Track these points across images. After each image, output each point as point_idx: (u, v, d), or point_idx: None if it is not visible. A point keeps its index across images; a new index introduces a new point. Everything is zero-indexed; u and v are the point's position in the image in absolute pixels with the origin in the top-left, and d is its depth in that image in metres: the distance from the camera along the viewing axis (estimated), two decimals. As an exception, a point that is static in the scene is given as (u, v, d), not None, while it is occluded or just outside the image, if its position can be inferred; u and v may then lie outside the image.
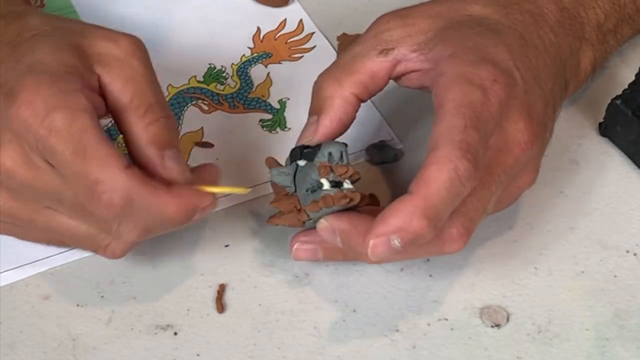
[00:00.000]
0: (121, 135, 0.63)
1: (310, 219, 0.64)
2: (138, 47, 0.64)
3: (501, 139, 0.63)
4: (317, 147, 0.65)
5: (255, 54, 0.82)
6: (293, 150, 0.66)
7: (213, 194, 0.63)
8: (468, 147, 0.60)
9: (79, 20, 0.67)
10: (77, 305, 0.67)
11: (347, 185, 0.64)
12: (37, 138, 0.59)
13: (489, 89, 0.62)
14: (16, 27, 0.64)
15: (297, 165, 0.66)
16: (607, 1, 0.73)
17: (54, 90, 0.60)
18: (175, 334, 0.66)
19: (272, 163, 0.67)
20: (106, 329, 0.66)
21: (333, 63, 0.69)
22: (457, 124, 0.61)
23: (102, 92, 0.63)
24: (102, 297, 0.67)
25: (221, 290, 0.68)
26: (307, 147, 0.66)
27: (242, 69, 0.80)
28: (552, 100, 0.67)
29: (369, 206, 0.66)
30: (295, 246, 0.66)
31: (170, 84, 0.79)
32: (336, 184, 0.64)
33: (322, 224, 0.64)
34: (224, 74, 0.80)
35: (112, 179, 0.59)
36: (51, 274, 0.68)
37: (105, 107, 0.63)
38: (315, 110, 0.67)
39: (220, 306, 0.67)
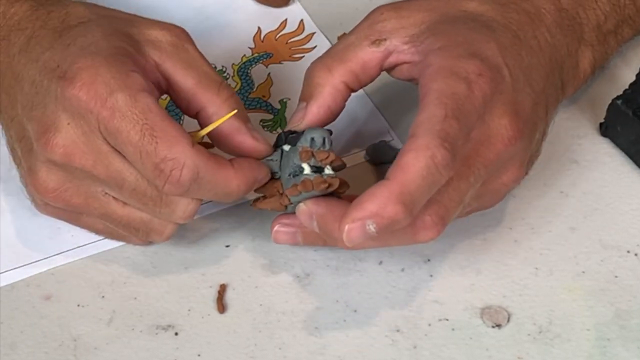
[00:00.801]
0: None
1: (292, 203, 0.65)
2: (188, 35, 0.67)
3: (483, 133, 0.63)
4: (302, 132, 0.66)
5: (256, 54, 0.82)
6: (279, 136, 0.67)
7: (265, 168, 0.65)
8: (447, 136, 0.60)
9: (122, 10, 0.68)
10: (78, 305, 0.67)
11: (327, 171, 0.64)
12: (100, 120, 0.60)
13: (473, 82, 0.62)
14: (59, 14, 0.65)
15: (282, 150, 0.66)
16: (607, 2, 0.73)
17: (112, 71, 0.61)
18: (176, 334, 0.66)
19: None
20: (107, 329, 0.66)
21: (326, 51, 0.69)
22: (437, 113, 0.61)
23: (157, 77, 0.64)
24: (103, 297, 0.67)
25: (222, 290, 0.68)
26: (294, 132, 0.66)
27: (243, 69, 0.80)
28: (544, 100, 0.67)
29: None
30: (275, 228, 0.67)
31: (171, 84, 0.79)
32: (317, 169, 0.64)
33: (301, 207, 0.64)
34: (225, 74, 0.80)
35: (182, 155, 0.60)
36: (52, 274, 0.68)
37: (158, 91, 0.64)
38: (305, 97, 0.67)
39: (221, 306, 0.67)
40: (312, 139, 0.65)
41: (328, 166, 0.65)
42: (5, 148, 0.68)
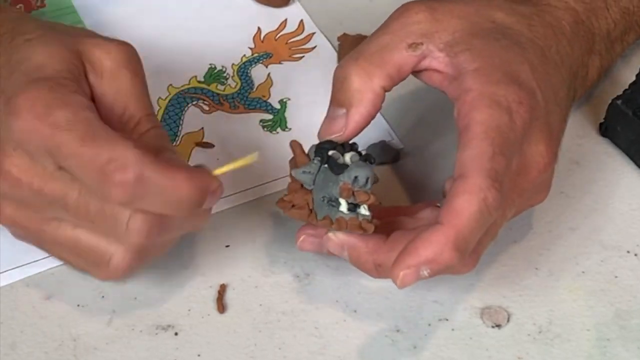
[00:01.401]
0: None
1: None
2: (129, 57, 0.64)
3: (520, 163, 0.62)
4: (343, 146, 0.64)
5: (256, 54, 0.82)
6: (319, 147, 0.65)
7: (218, 179, 0.61)
8: (496, 175, 0.60)
9: (71, 26, 0.67)
10: (78, 305, 0.67)
11: (363, 211, 0.63)
12: (42, 139, 0.59)
13: (514, 112, 0.62)
14: (9, 34, 0.64)
15: (320, 166, 0.64)
16: (618, 10, 0.72)
17: (53, 93, 0.60)
18: (176, 334, 0.66)
19: (297, 149, 0.65)
20: (107, 329, 0.66)
21: (357, 51, 0.66)
22: (486, 150, 0.60)
23: (91, 98, 0.63)
24: (103, 297, 0.67)
25: (222, 290, 0.68)
26: (332, 144, 0.64)
27: (243, 69, 0.80)
28: (567, 114, 0.67)
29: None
30: (301, 238, 0.66)
31: (170, 84, 0.79)
32: (354, 206, 0.63)
33: (331, 239, 0.64)
34: (225, 74, 0.80)
35: (124, 155, 0.58)
36: (52, 274, 0.68)
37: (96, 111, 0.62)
38: (343, 103, 0.65)
39: (221, 306, 0.67)
40: (356, 177, 0.63)
41: (365, 206, 0.63)
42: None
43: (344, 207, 0.63)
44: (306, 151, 0.65)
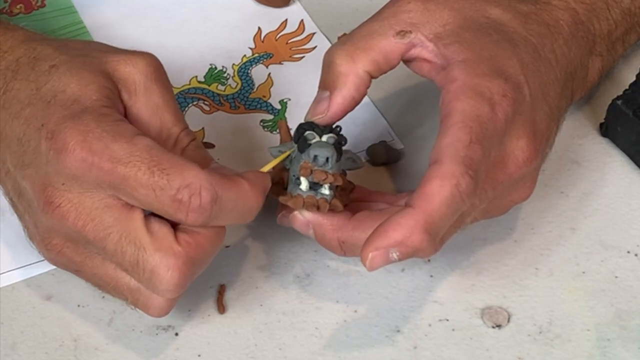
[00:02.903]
0: None
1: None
2: (157, 68, 0.64)
3: (499, 155, 0.62)
4: (324, 128, 0.65)
5: (257, 55, 0.82)
6: (299, 127, 0.65)
7: (268, 175, 0.64)
8: (471, 163, 0.60)
9: (88, 41, 0.66)
10: (79, 305, 0.67)
11: (324, 190, 0.64)
12: (103, 175, 0.58)
13: (497, 103, 0.62)
14: (26, 58, 0.64)
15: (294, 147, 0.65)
16: (619, 11, 0.72)
17: (101, 125, 0.59)
18: (177, 334, 0.66)
19: (283, 129, 0.67)
20: (107, 330, 0.66)
21: (347, 36, 0.67)
22: (462, 138, 0.60)
23: (124, 115, 0.63)
24: (104, 297, 0.67)
25: (222, 291, 0.68)
26: (314, 126, 0.65)
27: (243, 70, 0.80)
28: (558, 115, 0.67)
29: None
30: (282, 212, 0.66)
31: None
32: (315, 185, 0.64)
33: (295, 216, 0.64)
34: (225, 75, 0.80)
35: (196, 180, 0.58)
36: (52, 275, 0.68)
37: None
38: (327, 85, 0.66)
39: (222, 307, 0.67)
40: (316, 156, 0.63)
41: (326, 185, 0.64)
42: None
43: (304, 185, 0.64)
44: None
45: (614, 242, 0.71)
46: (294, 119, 0.77)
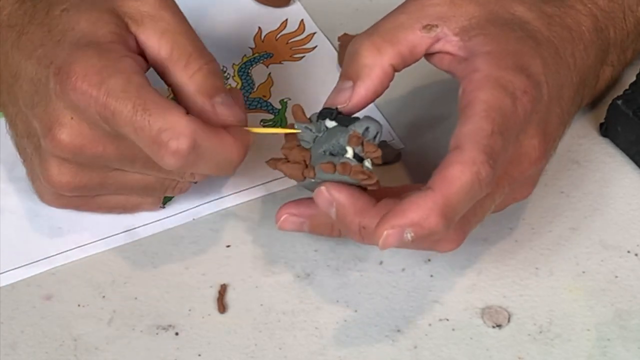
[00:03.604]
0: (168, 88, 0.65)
1: (313, 179, 0.63)
2: (167, 1, 0.65)
3: (515, 151, 0.63)
4: (351, 116, 0.64)
5: (257, 54, 0.82)
6: (325, 110, 0.65)
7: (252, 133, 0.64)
8: (492, 152, 0.59)
9: None
10: (79, 305, 0.67)
11: (367, 164, 0.63)
12: (97, 107, 0.60)
13: (518, 98, 0.62)
14: (43, 6, 0.65)
15: (324, 124, 0.64)
16: (633, 20, 0.72)
17: (102, 60, 0.61)
18: (177, 334, 0.66)
19: (298, 113, 0.65)
20: (107, 329, 0.66)
21: (372, 28, 0.67)
22: (485, 127, 0.60)
23: (140, 50, 0.64)
24: (104, 297, 0.67)
25: (222, 290, 0.68)
26: (339, 112, 0.64)
27: (243, 69, 0.80)
28: (567, 119, 0.67)
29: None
30: (283, 217, 0.66)
31: (171, 84, 0.79)
32: (359, 159, 0.63)
33: (321, 191, 0.63)
34: (225, 74, 0.80)
35: (177, 124, 0.60)
36: (52, 274, 0.68)
37: (146, 64, 0.64)
38: (351, 76, 0.65)
39: (222, 306, 0.67)
40: (367, 128, 0.63)
41: (369, 160, 0.63)
42: (6, 149, 0.68)
43: (350, 154, 0.63)
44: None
45: (614, 242, 0.71)
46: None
